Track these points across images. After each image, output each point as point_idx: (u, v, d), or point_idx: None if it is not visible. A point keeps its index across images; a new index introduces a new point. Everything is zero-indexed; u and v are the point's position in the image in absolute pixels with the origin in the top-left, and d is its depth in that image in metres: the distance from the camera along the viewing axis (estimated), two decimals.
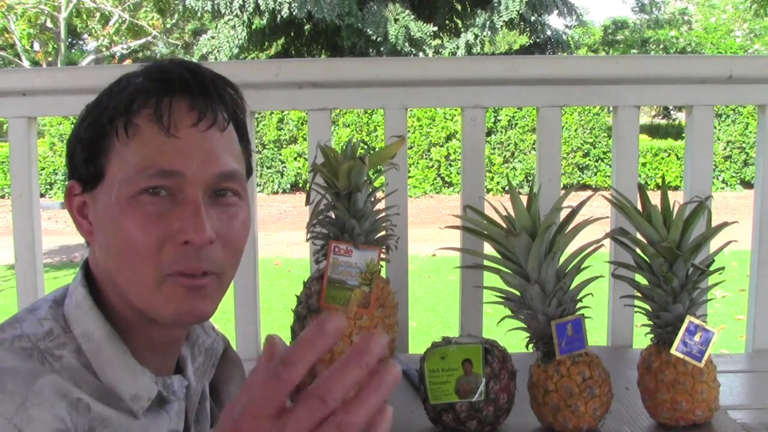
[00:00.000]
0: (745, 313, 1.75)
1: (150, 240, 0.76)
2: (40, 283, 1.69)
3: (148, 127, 0.77)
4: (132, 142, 0.77)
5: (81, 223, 0.82)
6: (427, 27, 13.47)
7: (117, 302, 0.82)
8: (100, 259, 0.81)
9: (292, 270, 5.85)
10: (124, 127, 0.77)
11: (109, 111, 0.79)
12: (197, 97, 0.79)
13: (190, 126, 0.78)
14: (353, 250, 1.15)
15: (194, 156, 0.77)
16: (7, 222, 9.10)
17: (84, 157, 0.80)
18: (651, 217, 1.16)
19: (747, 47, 21.17)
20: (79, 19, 16.33)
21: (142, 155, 0.77)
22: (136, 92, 0.79)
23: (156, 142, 0.77)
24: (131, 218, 0.76)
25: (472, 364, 1.14)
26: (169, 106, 0.77)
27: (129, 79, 0.82)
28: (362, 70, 1.67)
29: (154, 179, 0.76)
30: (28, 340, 0.76)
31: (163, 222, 0.76)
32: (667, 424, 1.18)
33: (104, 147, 0.79)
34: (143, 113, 0.78)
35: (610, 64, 1.73)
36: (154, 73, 0.81)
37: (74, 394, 0.72)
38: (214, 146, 0.79)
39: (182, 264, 0.76)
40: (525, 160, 12.22)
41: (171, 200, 0.77)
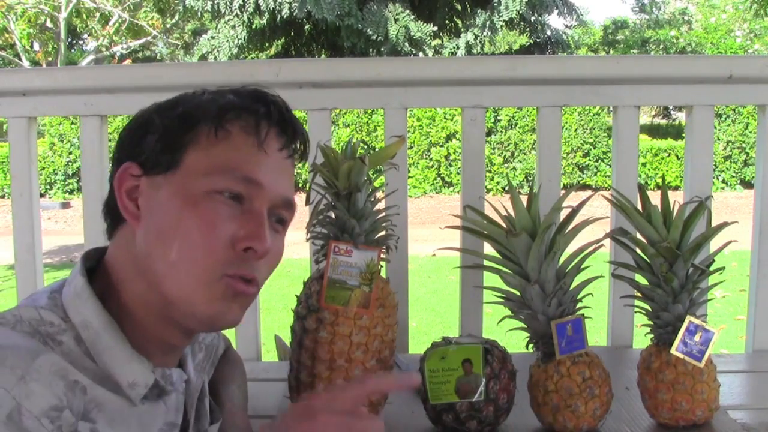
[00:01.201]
0: (745, 313, 1.75)
1: (216, 238, 0.79)
2: (40, 284, 1.69)
3: (241, 136, 0.84)
4: (221, 144, 0.83)
5: (127, 204, 0.84)
6: (427, 27, 13.47)
7: (137, 292, 0.82)
8: (141, 243, 0.82)
9: (292, 270, 5.84)
10: (215, 128, 0.83)
11: (198, 110, 0.84)
12: (286, 128, 0.88)
13: (278, 149, 0.86)
14: (353, 250, 1.15)
15: (273, 174, 0.85)
16: (7, 222, 9.10)
17: (160, 144, 0.83)
18: (651, 217, 1.16)
19: (747, 47, 21.17)
20: (79, 19, 16.33)
21: (230, 157, 0.82)
22: (231, 104, 0.86)
23: (246, 151, 0.83)
24: (203, 212, 0.80)
25: (472, 364, 1.14)
26: (267, 126, 0.85)
27: (215, 93, 0.88)
28: (362, 70, 1.67)
29: (237, 182, 0.81)
30: (29, 326, 0.77)
31: (231, 225, 0.80)
32: (667, 424, 1.18)
33: (186, 140, 0.83)
34: (237, 123, 0.84)
35: (610, 64, 1.73)
36: (249, 94, 0.88)
37: (72, 376, 0.73)
38: (287, 174, 0.88)
39: (240, 268, 0.81)
40: (525, 160, 12.22)
41: (240, 208, 0.82)
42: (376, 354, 1.16)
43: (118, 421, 0.77)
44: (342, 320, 1.14)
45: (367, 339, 1.15)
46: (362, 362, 1.15)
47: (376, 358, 1.16)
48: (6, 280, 5.92)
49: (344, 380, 1.14)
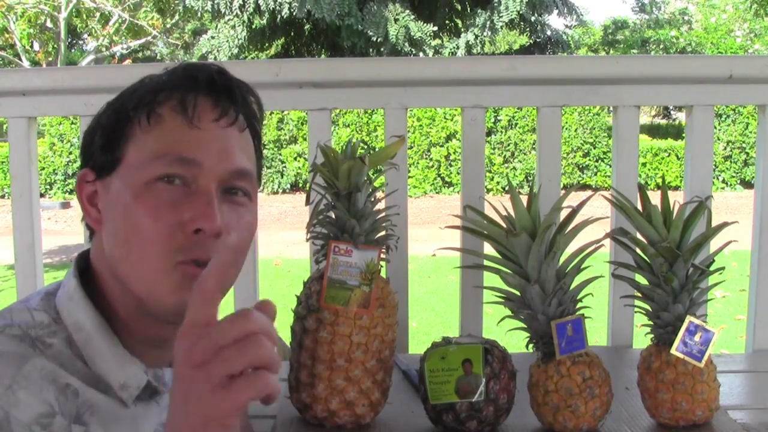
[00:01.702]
0: (745, 313, 1.75)
1: (162, 226, 0.77)
2: (40, 283, 1.69)
3: (172, 118, 0.80)
4: (153, 130, 0.80)
5: (90, 211, 0.83)
6: (427, 27, 13.47)
7: (116, 294, 0.82)
8: (106, 246, 0.81)
9: (292, 270, 5.85)
10: (146, 115, 0.80)
11: (133, 101, 0.82)
12: (221, 97, 0.82)
13: (212, 120, 0.81)
14: (353, 250, 1.15)
15: (213, 148, 0.80)
16: (7, 222, 9.09)
17: (102, 144, 0.82)
18: (651, 217, 1.16)
19: (747, 47, 21.17)
20: (79, 19, 16.33)
21: (162, 142, 0.79)
22: (162, 85, 0.82)
23: (178, 132, 0.79)
24: (145, 204, 0.78)
25: (472, 364, 1.14)
26: (195, 100, 0.80)
27: (153, 76, 0.85)
28: (362, 70, 1.67)
29: (172, 166, 0.78)
30: (19, 329, 0.76)
31: (176, 210, 0.78)
32: (667, 424, 1.18)
33: (124, 134, 0.81)
34: (167, 105, 0.80)
35: (610, 64, 1.73)
36: (181, 70, 0.84)
37: (63, 379, 0.73)
38: (233, 143, 0.82)
39: (193, 252, 0.78)
40: (525, 160, 12.22)
41: (185, 190, 0.79)
42: (376, 354, 1.16)
43: (110, 423, 0.77)
44: (342, 320, 1.14)
45: (367, 339, 1.15)
46: (362, 362, 1.15)
47: (376, 358, 1.16)
48: (6, 280, 5.92)
49: (343, 381, 1.14)
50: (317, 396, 1.15)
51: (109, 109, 0.84)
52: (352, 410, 1.16)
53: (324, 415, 1.16)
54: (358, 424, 1.18)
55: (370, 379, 1.17)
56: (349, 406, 1.15)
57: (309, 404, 1.16)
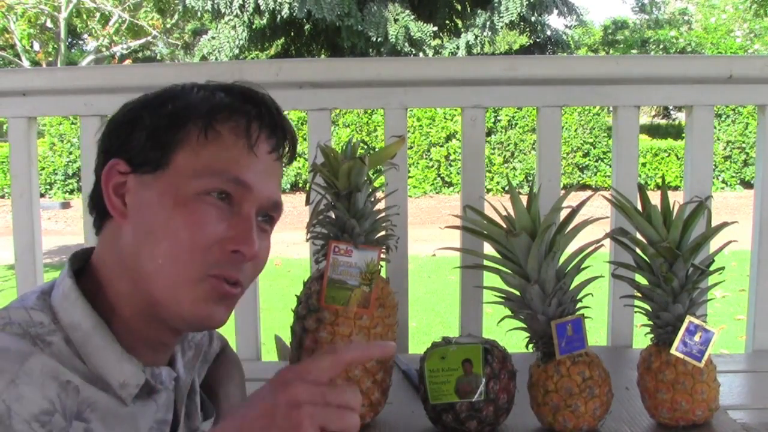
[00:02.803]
0: (745, 313, 1.75)
1: (205, 238, 0.80)
2: (40, 284, 1.69)
3: (231, 138, 0.83)
4: (210, 145, 0.82)
5: (114, 201, 0.83)
6: (427, 27, 13.47)
7: (122, 291, 0.82)
8: (129, 241, 0.81)
9: (292, 270, 5.85)
10: (204, 129, 0.82)
11: (189, 109, 0.83)
12: (276, 129, 0.87)
13: (267, 152, 0.85)
14: (353, 250, 1.15)
15: (263, 177, 0.84)
16: (7, 222, 9.09)
17: (149, 143, 0.82)
18: (651, 217, 1.16)
19: (747, 47, 21.17)
20: (79, 19, 16.32)
21: (220, 159, 0.82)
22: (222, 103, 0.85)
23: (236, 153, 0.83)
24: (192, 213, 0.80)
25: (472, 364, 1.14)
26: (258, 129, 0.84)
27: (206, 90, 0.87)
28: (362, 70, 1.67)
29: (227, 184, 0.81)
30: (18, 327, 0.77)
31: (220, 226, 0.81)
32: (667, 424, 1.18)
33: (176, 139, 0.82)
34: (227, 125, 0.83)
35: (610, 64, 1.73)
36: (239, 93, 0.87)
37: (64, 376, 0.73)
38: (276, 176, 0.88)
39: (226, 270, 0.81)
40: (525, 160, 12.22)
41: (230, 210, 0.82)
42: None
43: (110, 420, 0.77)
44: (342, 320, 1.14)
45: (367, 339, 1.15)
46: (362, 362, 1.15)
47: (376, 359, 1.16)
48: (6, 280, 5.92)
49: (343, 380, 1.14)
50: None
51: (156, 108, 0.85)
52: None
53: None
54: None
55: (370, 379, 1.17)
56: None
57: None
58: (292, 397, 0.66)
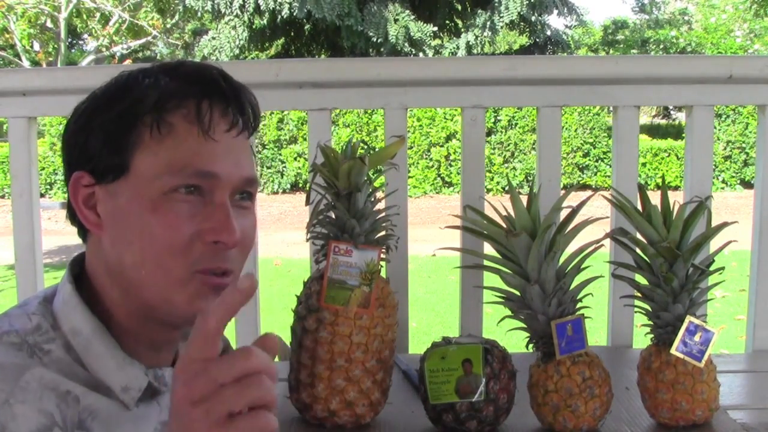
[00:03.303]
0: (745, 313, 1.75)
1: (182, 237, 0.78)
2: (40, 283, 1.69)
3: (185, 127, 0.79)
4: (166, 140, 0.79)
5: (87, 214, 0.81)
6: (427, 27, 13.47)
7: (115, 298, 0.82)
8: (111, 252, 0.80)
9: (292, 270, 5.85)
10: (157, 124, 0.78)
11: (137, 106, 0.80)
12: (230, 104, 0.82)
13: (225, 131, 0.81)
14: (353, 250, 1.15)
15: (227, 160, 0.80)
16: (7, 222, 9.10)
17: (103, 150, 0.80)
18: (651, 217, 1.16)
19: (747, 47, 21.16)
20: (79, 19, 16.32)
21: (178, 154, 0.78)
22: (169, 91, 0.80)
23: (193, 143, 0.79)
24: (164, 214, 0.77)
25: (472, 364, 1.14)
26: (209, 110, 0.80)
27: (150, 76, 0.82)
28: (362, 70, 1.67)
29: (191, 178, 0.78)
30: (16, 335, 0.76)
31: (195, 220, 0.78)
32: (667, 424, 1.18)
33: (131, 141, 0.79)
34: (179, 113, 0.79)
35: (610, 64, 1.73)
36: (184, 74, 0.82)
37: (63, 387, 0.73)
38: (242, 152, 0.83)
39: (211, 262, 0.79)
40: (525, 160, 12.22)
41: (201, 200, 0.79)
42: (376, 354, 1.16)
43: (113, 426, 0.77)
44: (342, 320, 1.14)
45: (367, 339, 1.15)
46: (362, 362, 1.15)
47: (376, 358, 1.16)
48: (6, 280, 5.92)
49: (343, 381, 1.14)
50: (317, 396, 1.15)
51: (105, 110, 0.82)
52: (352, 410, 1.16)
53: (324, 415, 1.16)
54: (358, 424, 1.18)
55: (370, 379, 1.17)
56: (349, 406, 1.15)
57: (309, 404, 1.17)
58: (186, 399, 0.60)
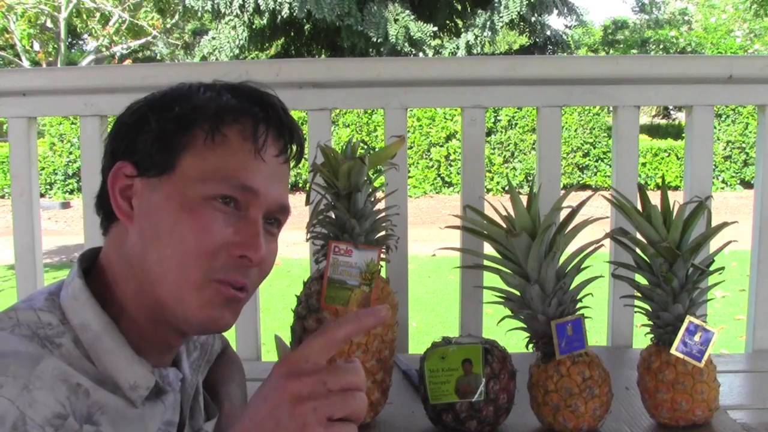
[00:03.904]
0: (745, 313, 1.75)
1: (210, 243, 0.79)
2: (40, 284, 1.69)
3: (238, 142, 0.82)
4: (217, 149, 0.81)
5: (120, 203, 0.83)
6: (427, 27, 13.47)
7: (130, 293, 0.82)
8: (136, 244, 0.81)
9: (292, 270, 5.85)
10: (211, 132, 0.81)
11: (196, 111, 0.83)
12: (284, 132, 0.86)
13: (274, 155, 0.85)
14: (353, 250, 1.15)
15: (270, 182, 0.84)
16: (7, 222, 9.09)
17: (155, 146, 0.82)
18: (651, 217, 1.16)
19: (747, 47, 21.16)
20: (79, 19, 16.32)
21: (226, 164, 0.81)
22: (230, 106, 0.84)
23: (243, 157, 0.82)
24: (198, 217, 0.79)
25: (472, 364, 1.14)
26: (266, 132, 0.83)
27: (213, 90, 0.86)
28: (362, 70, 1.67)
29: (233, 190, 0.81)
30: (27, 329, 0.76)
31: (226, 231, 0.80)
32: (667, 424, 1.18)
33: (182, 142, 0.81)
34: (234, 127, 0.82)
35: (610, 64, 1.73)
36: (247, 94, 0.86)
37: (74, 379, 0.73)
38: (283, 179, 0.87)
39: (231, 274, 0.80)
40: (525, 160, 12.22)
41: (236, 214, 0.81)
42: (376, 354, 1.16)
43: (120, 423, 0.77)
44: None
45: (367, 339, 1.15)
46: (362, 362, 1.14)
47: (376, 358, 1.16)
48: (6, 280, 5.92)
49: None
50: None
51: (163, 110, 0.84)
52: None
53: None
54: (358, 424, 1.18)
55: (370, 379, 1.17)
56: None
57: None
58: (292, 392, 0.64)
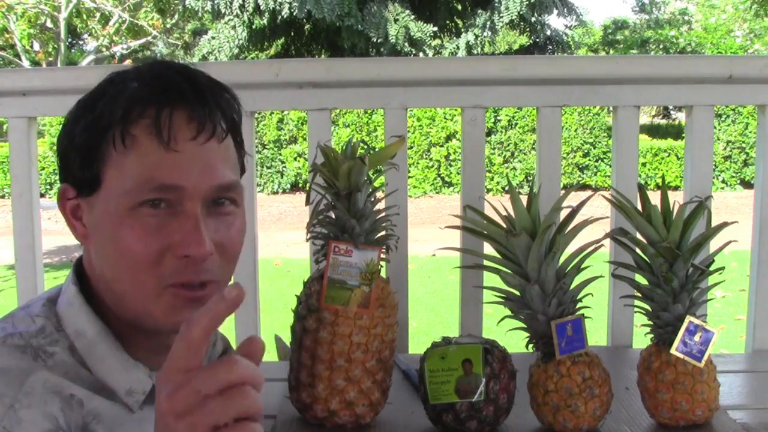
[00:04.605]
0: (745, 313, 1.75)
1: (150, 252, 0.76)
2: (40, 283, 1.69)
3: (147, 139, 0.76)
4: (130, 153, 0.77)
5: (75, 225, 0.82)
6: (427, 27, 13.46)
7: (113, 304, 0.82)
8: (96, 263, 0.81)
9: (292, 270, 5.85)
10: (121, 137, 0.77)
11: (105, 117, 0.78)
12: (196, 108, 0.78)
13: (190, 139, 0.77)
14: (353, 250, 1.15)
15: (193, 169, 0.77)
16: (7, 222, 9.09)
17: (79, 163, 0.80)
18: (651, 217, 1.16)
19: (747, 47, 21.16)
20: (79, 19, 16.32)
21: (141, 168, 0.76)
22: (133, 99, 0.78)
23: (155, 156, 0.76)
24: (131, 230, 0.76)
25: (472, 364, 1.14)
26: (169, 119, 0.76)
27: (123, 81, 0.81)
28: (362, 70, 1.67)
29: (154, 193, 0.76)
30: (20, 338, 0.76)
31: (163, 234, 0.76)
32: (667, 424, 1.18)
33: (101, 154, 0.78)
34: (141, 123, 0.77)
35: (610, 64, 1.73)
36: (150, 79, 0.80)
37: (67, 390, 0.73)
38: (213, 158, 0.79)
39: (183, 276, 0.77)
40: (525, 160, 12.22)
41: (170, 212, 0.77)
42: (376, 354, 1.16)
43: (117, 430, 0.77)
44: (342, 320, 1.14)
45: (367, 339, 1.15)
46: (362, 362, 1.15)
47: (376, 358, 1.16)
48: (6, 280, 5.92)
49: (343, 381, 1.14)
50: (317, 396, 1.15)
51: (82, 120, 0.80)
52: (352, 410, 1.16)
53: (324, 415, 1.16)
54: (358, 424, 1.18)
55: (370, 379, 1.17)
56: (349, 406, 1.15)
57: (309, 404, 1.17)
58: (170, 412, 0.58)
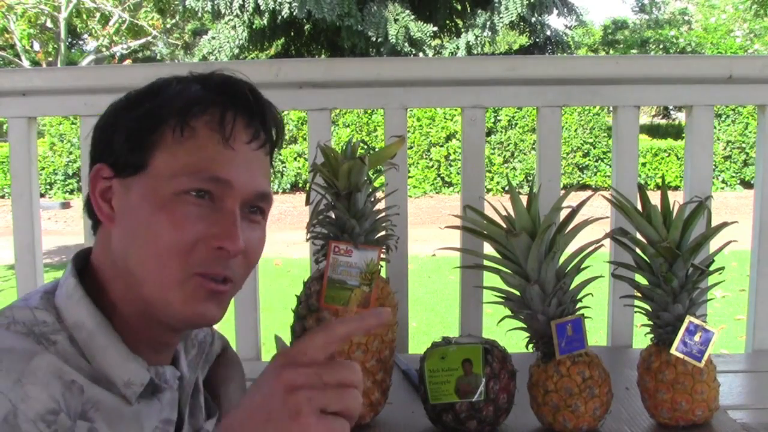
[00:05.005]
0: (745, 313, 1.75)
1: (186, 239, 0.79)
2: (40, 284, 1.69)
3: (207, 133, 0.81)
4: (186, 143, 0.81)
5: (102, 206, 0.83)
6: (427, 27, 13.46)
7: (120, 293, 0.82)
8: (118, 245, 0.82)
9: (292, 270, 5.85)
10: (180, 126, 0.81)
11: (164, 107, 0.82)
12: (254, 118, 0.84)
13: (245, 142, 0.83)
14: (353, 250, 1.15)
15: (243, 170, 0.82)
16: (7, 222, 9.10)
17: (127, 145, 0.82)
18: (651, 217, 1.16)
19: (747, 47, 21.17)
20: (79, 19, 16.32)
21: (196, 158, 0.80)
22: (197, 99, 0.83)
23: (212, 149, 0.81)
24: (172, 213, 0.79)
25: (472, 364, 1.14)
26: (233, 119, 0.82)
27: (183, 83, 0.85)
28: (362, 70, 1.68)
29: (205, 183, 0.80)
30: (23, 326, 0.77)
31: (201, 224, 0.80)
32: (667, 424, 1.18)
33: (152, 140, 0.81)
34: (202, 119, 0.82)
35: (610, 64, 1.73)
36: (216, 84, 0.85)
37: (68, 376, 0.73)
38: (259, 166, 0.86)
39: (211, 267, 0.80)
40: (525, 160, 12.22)
41: (211, 206, 0.81)
42: (376, 354, 1.16)
43: (115, 420, 0.77)
44: None
45: (367, 339, 1.15)
46: (362, 362, 1.15)
47: (376, 358, 1.16)
48: (6, 280, 5.92)
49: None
50: None
51: (133, 109, 0.84)
52: None
53: None
54: (358, 424, 1.18)
55: (370, 379, 1.17)
56: None
57: None
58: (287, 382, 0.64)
